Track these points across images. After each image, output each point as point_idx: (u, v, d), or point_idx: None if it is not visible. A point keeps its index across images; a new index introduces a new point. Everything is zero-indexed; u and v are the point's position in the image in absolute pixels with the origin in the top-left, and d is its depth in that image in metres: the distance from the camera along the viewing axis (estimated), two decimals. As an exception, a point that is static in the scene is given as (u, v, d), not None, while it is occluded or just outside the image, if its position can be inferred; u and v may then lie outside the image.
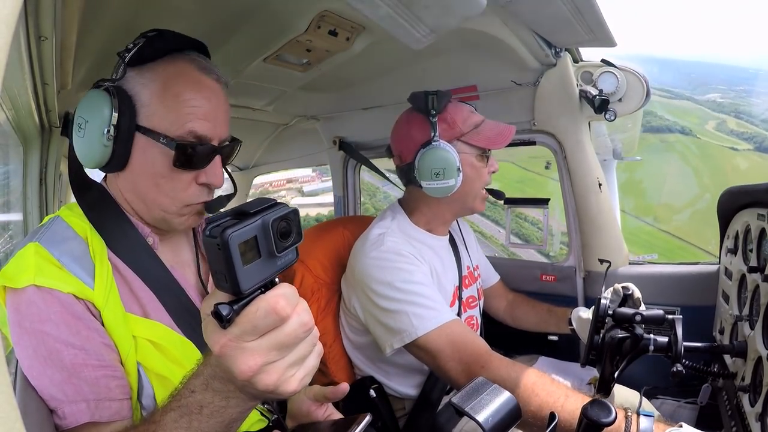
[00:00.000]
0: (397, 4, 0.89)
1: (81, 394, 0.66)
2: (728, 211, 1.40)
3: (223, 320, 0.45)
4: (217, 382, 0.53)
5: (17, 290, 0.66)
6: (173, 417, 0.56)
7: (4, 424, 0.29)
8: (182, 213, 0.79)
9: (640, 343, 0.93)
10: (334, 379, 1.34)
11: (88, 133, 0.73)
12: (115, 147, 0.73)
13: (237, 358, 0.46)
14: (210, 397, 0.54)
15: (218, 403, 0.54)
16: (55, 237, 0.72)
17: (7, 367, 0.30)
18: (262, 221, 0.45)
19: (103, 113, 0.72)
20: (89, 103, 0.73)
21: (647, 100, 1.48)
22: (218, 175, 0.80)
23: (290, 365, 0.50)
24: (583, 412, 0.64)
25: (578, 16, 1.14)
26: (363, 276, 1.16)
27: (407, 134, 1.25)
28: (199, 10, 1.05)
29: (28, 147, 1.53)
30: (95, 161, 0.75)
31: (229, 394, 0.53)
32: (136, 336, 0.72)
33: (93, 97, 0.73)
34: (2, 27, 0.27)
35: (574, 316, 1.38)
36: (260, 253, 0.45)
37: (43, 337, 0.65)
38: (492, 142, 1.23)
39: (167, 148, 0.73)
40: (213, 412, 0.54)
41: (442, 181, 1.19)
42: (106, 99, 0.72)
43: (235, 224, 0.43)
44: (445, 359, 1.03)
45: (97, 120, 0.72)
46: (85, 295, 0.68)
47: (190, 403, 0.55)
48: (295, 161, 2.82)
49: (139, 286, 0.76)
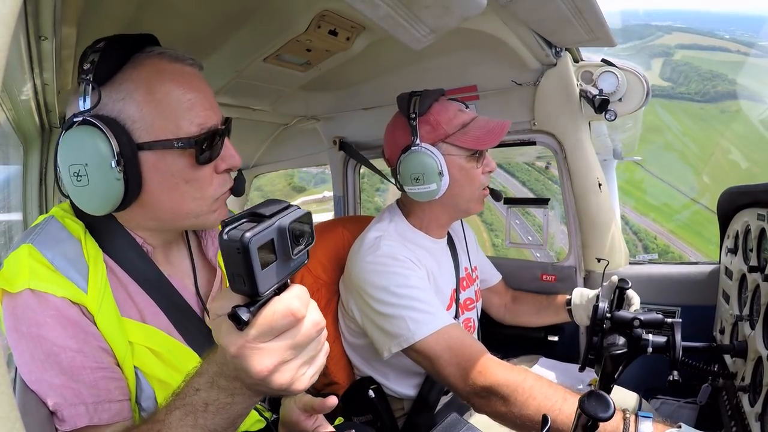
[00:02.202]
0: (397, 4, 0.89)
1: (79, 397, 0.65)
2: (728, 211, 1.40)
3: (242, 323, 0.45)
4: (223, 379, 0.53)
5: (13, 294, 0.65)
6: (178, 415, 0.56)
7: (4, 425, 0.29)
8: (213, 209, 0.76)
9: (638, 346, 0.93)
10: (334, 379, 1.34)
11: (92, 177, 0.65)
12: (126, 177, 0.66)
13: (253, 358, 0.47)
14: (215, 394, 0.54)
15: (224, 400, 0.54)
16: (48, 239, 0.69)
17: (7, 368, 0.31)
18: (279, 224, 0.45)
19: (99, 148, 0.64)
20: (76, 145, 0.65)
21: (647, 100, 1.48)
22: (235, 155, 0.76)
23: (303, 364, 0.51)
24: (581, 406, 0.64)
25: (578, 15, 1.14)
26: (359, 280, 1.15)
27: (392, 138, 1.24)
28: (199, 10, 1.05)
29: (28, 147, 1.53)
30: (110, 204, 0.67)
31: (235, 391, 0.54)
32: (132, 342, 0.71)
33: (77, 136, 0.64)
34: (2, 27, 0.27)
35: (575, 294, 1.39)
36: (276, 256, 0.46)
37: (40, 341, 0.65)
38: (479, 142, 1.17)
39: (185, 149, 0.69)
40: (218, 409, 0.54)
41: (422, 186, 1.16)
42: (93, 132, 0.64)
43: (254, 227, 0.43)
44: (442, 364, 1.03)
45: (97, 158, 0.64)
46: (78, 299, 0.67)
47: (195, 401, 0.55)
48: (295, 161, 2.81)
49: (136, 291, 0.74)
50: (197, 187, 0.73)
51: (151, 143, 0.68)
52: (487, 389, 0.96)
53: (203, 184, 0.73)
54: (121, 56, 0.68)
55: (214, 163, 0.74)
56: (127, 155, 0.66)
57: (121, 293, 0.73)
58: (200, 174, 0.72)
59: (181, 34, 1.11)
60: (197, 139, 0.69)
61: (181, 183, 0.71)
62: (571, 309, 1.40)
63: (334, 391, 1.33)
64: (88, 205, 0.68)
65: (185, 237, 0.88)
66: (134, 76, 0.68)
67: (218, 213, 0.78)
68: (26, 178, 1.54)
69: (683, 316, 1.53)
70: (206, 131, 0.71)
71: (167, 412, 0.57)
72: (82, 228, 0.73)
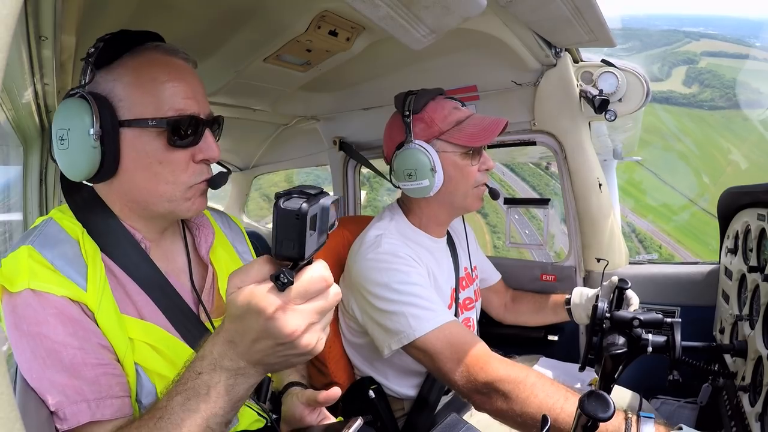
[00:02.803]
0: (397, 5, 0.89)
1: (81, 395, 0.66)
2: (728, 211, 1.41)
3: (287, 283, 0.50)
4: (227, 360, 0.55)
5: (13, 294, 0.66)
6: (179, 401, 0.57)
7: (4, 425, 0.29)
8: (187, 196, 0.78)
9: (638, 346, 0.93)
10: (334, 379, 1.34)
11: (72, 142, 0.71)
12: (103, 149, 0.71)
13: (289, 319, 0.51)
14: (218, 377, 0.56)
15: (226, 381, 0.56)
16: (48, 240, 0.71)
17: (7, 367, 0.31)
18: (323, 203, 0.52)
19: (83, 118, 0.70)
20: (66, 113, 0.72)
21: (647, 100, 1.49)
22: (213, 147, 0.79)
23: (322, 328, 0.55)
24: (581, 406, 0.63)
25: (578, 16, 1.14)
26: (360, 278, 1.16)
27: (389, 136, 1.26)
28: (199, 10, 1.05)
29: (29, 147, 1.54)
30: (85, 170, 0.72)
31: (238, 372, 0.56)
32: (132, 338, 0.72)
33: (68, 106, 0.72)
34: (2, 28, 0.27)
35: (575, 294, 1.39)
36: (315, 229, 0.51)
37: (41, 339, 0.65)
38: (474, 139, 1.17)
39: (159, 128, 0.73)
40: (221, 392, 0.56)
41: (416, 182, 1.18)
42: (82, 103, 0.71)
43: (307, 200, 0.50)
44: (443, 360, 1.03)
45: (79, 125, 0.70)
46: (78, 297, 0.68)
47: (197, 385, 0.56)
48: (296, 161, 2.82)
49: (134, 289, 0.75)
50: (170, 170, 0.76)
51: (130, 121, 0.73)
52: (488, 385, 0.96)
53: (176, 168, 0.76)
54: (122, 46, 0.75)
55: (191, 151, 0.77)
56: (107, 129, 0.71)
57: (119, 292, 0.74)
58: (174, 157, 0.76)
59: (182, 33, 1.11)
60: (170, 121, 0.73)
61: (154, 163, 0.75)
62: (571, 308, 1.41)
63: (334, 391, 1.33)
64: (67, 169, 0.74)
65: (182, 233, 0.89)
66: (128, 63, 0.75)
67: (192, 202, 0.79)
68: (26, 178, 1.55)
69: (683, 316, 1.53)
70: (182, 116, 0.75)
71: (168, 399, 0.58)
72: (80, 228, 0.75)
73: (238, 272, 0.53)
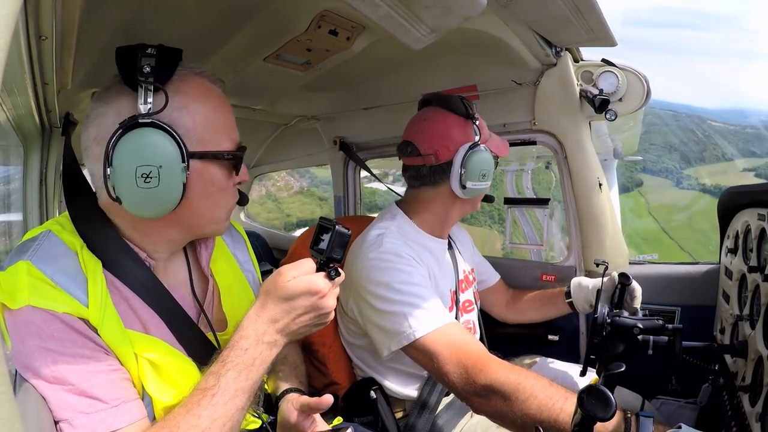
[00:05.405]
0: (397, 4, 0.89)
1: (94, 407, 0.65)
2: (728, 211, 1.41)
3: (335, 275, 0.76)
4: (267, 336, 0.71)
5: (13, 311, 0.64)
6: (233, 375, 0.67)
7: (4, 425, 0.29)
8: (227, 217, 0.85)
9: (638, 346, 0.93)
10: (334, 379, 1.34)
11: (164, 179, 0.67)
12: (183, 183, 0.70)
13: (331, 297, 0.75)
14: (261, 349, 0.71)
15: (266, 352, 0.71)
16: (47, 254, 0.69)
17: (7, 368, 0.31)
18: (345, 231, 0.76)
19: (172, 151, 0.67)
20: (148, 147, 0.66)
21: (647, 100, 1.49)
22: (246, 171, 0.85)
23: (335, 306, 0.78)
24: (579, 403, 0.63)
25: (578, 15, 1.14)
26: (361, 277, 1.15)
27: (445, 134, 1.23)
28: (199, 9, 1.05)
29: (29, 147, 1.53)
30: (169, 207, 0.70)
31: (275, 343, 0.72)
32: (137, 354, 0.71)
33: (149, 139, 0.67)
34: (2, 27, 0.27)
35: (574, 284, 1.39)
36: None
37: (49, 354, 0.64)
38: (500, 149, 1.31)
39: (226, 161, 0.77)
40: (263, 361, 0.71)
41: (484, 182, 1.24)
42: (164, 135, 0.67)
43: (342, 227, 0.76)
44: (443, 362, 1.03)
45: (171, 160, 0.67)
46: (80, 313, 0.67)
47: (246, 359, 0.69)
48: (296, 161, 2.82)
49: (138, 303, 0.74)
50: (227, 196, 0.82)
51: (202, 153, 0.74)
52: (487, 388, 0.96)
53: (230, 194, 0.82)
54: (172, 65, 0.71)
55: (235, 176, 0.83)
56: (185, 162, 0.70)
57: (122, 306, 0.72)
58: (230, 185, 0.81)
59: (182, 33, 1.11)
60: (236, 155, 0.79)
61: (216, 192, 0.78)
62: (572, 300, 1.40)
63: (335, 391, 1.32)
64: (148, 207, 0.69)
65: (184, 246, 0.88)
66: (186, 89, 0.73)
67: (227, 221, 0.87)
68: (26, 178, 1.54)
69: (683, 315, 1.54)
70: (240, 147, 0.81)
71: (217, 378, 0.67)
72: (79, 242, 0.73)
73: (290, 267, 0.73)
